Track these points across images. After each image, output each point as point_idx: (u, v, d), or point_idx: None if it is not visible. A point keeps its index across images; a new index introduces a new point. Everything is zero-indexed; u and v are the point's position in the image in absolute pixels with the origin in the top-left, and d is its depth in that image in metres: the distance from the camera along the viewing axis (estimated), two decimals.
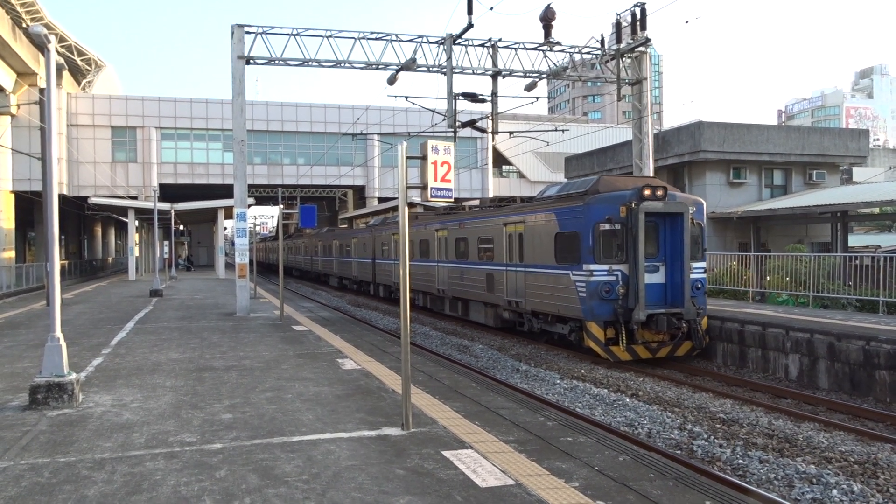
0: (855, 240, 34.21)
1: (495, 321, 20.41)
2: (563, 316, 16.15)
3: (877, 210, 28.91)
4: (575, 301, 15.38)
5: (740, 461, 8.79)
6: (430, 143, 7.87)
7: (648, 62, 23.58)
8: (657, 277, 15.30)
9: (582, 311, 15.17)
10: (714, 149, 28.20)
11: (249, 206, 26.30)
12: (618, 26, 22.78)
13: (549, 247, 16.50)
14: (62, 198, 46.61)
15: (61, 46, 46.37)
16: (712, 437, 9.80)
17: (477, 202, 28.48)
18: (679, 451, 9.31)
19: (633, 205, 14.78)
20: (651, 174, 23.62)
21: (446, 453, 6.78)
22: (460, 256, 22.28)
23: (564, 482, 5.98)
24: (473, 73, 22.06)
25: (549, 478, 6.10)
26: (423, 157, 7.91)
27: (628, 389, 13.04)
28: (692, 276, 15.13)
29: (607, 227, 14.97)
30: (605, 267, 14.91)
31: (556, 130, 25.50)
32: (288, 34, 21.27)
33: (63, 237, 55.30)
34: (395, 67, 21.50)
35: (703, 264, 15.83)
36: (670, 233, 15.41)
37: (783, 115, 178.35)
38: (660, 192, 14.89)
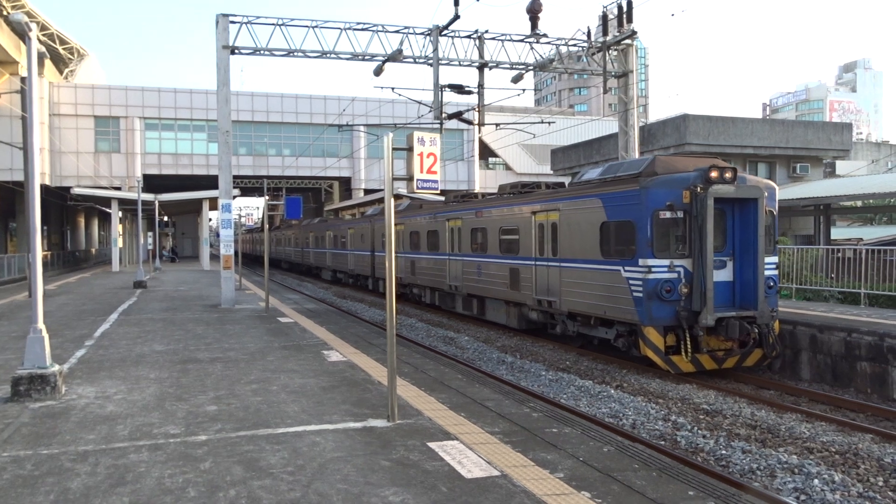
0: (837, 232, 34.51)
1: (519, 322, 18.33)
2: (610, 319, 14.06)
3: (859, 203, 29.20)
4: (627, 302, 13.27)
5: (723, 452, 8.87)
6: (417, 134, 7.85)
7: (634, 55, 23.62)
8: (724, 274, 13.28)
9: (637, 313, 13.04)
10: (699, 141, 28.33)
11: (234, 197, 26.21)
12: (604, 19, 22.79)
13: (592, 238, 14.44)
14: (44, 188, 46.09)
15: (43, 34, 45.80)
16: (696, 428, 9.88)
17: (487, 191, 26.27)
18: (663, 442, 9.38)
19: (698, 189, 12.72)
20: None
21: (432, 445, 6.79)
22: (477, 249, 20.21)
23: (549, 473, 6.01)
24: (460, 65, 22.03)
25: (535, 469, 6.13)
26: (410, 149, 7.90)
27: (613, 381, 13.11)
28: (765, 272, 13.21)
29: (668, 215, 12.91)
30: (666, 262, 12.85)
31: (542, 123, 25.59)
32: (273, 24, 21.13)
33: (45, 228, 54.74)
34: (381, 58, 21.42)
35: (775, 259, 14.02)
36: (740, 222, 13.42)
37: (768, 108, 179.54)
38: (728, 174, 12.81)
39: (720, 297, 13.04)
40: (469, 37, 21.94)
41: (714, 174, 12.71)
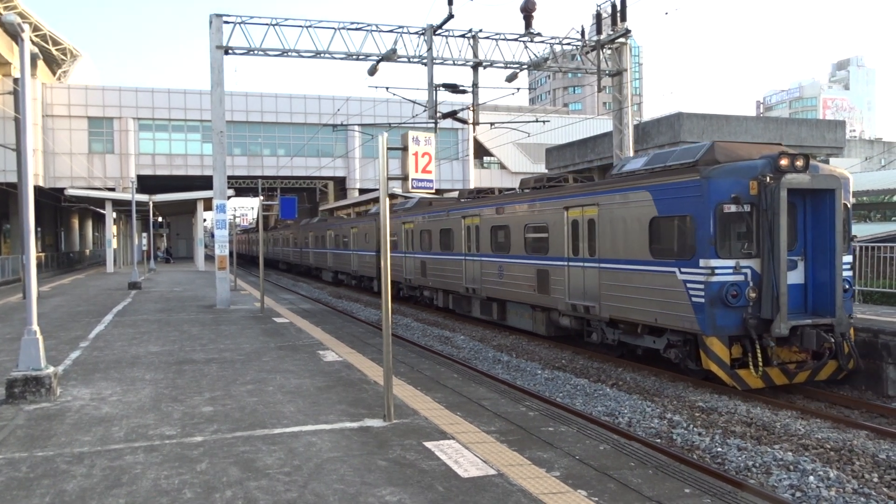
0: None
1: (548, 328, 16.77)
2: (663, 327, 12.58)
3: (853, 200, 29.31)
4: (685, 308, 11.73)
5: (719, 449, 8.89)
6: (411, 133, 7.86)
7: (628, 53, 23.65)
8: (795, 276, 11.76)
9: (697, 321, 11.48)
10: (693, 139, 28.39)
11: (229, 197, 26.09)
12: (598, 17, 22.81)
13: (639, 236, 12.92)
14: (38, 189, 45.98)
15: (36, 35, 45.62)
16: (691, 426, 9.90)
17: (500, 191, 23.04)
18: (659, 440, 9.40)
19: (767, 179, 11.24)
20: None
21: (428, 444, 6.80)
22: (498, 249, 18.66)
23: (546, 471, 6.02)
24: (454, 64, 22.03)
25: (531, 467, 6.13)
26: (404, 148, 7.91)
27: (608, 379, 13.13)
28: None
29: (733, 208, 11.37)
30: (731, 263, 11.33)
31: (536, 121, 25.59)
32: (267, 24, 21.10)
33: (39, 229, 54.57)
34: (375, 58, 21.39)
35: (849, 258, 12.40)
36: (812, 216, 11.92)
37: (761, 105, 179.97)
38: (800, 163, 11.37)
39: (791, 302, 11.50)
40: (463, 36, 21.95)
41: (784, 162, 11.28)
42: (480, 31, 22.00)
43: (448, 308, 22.69)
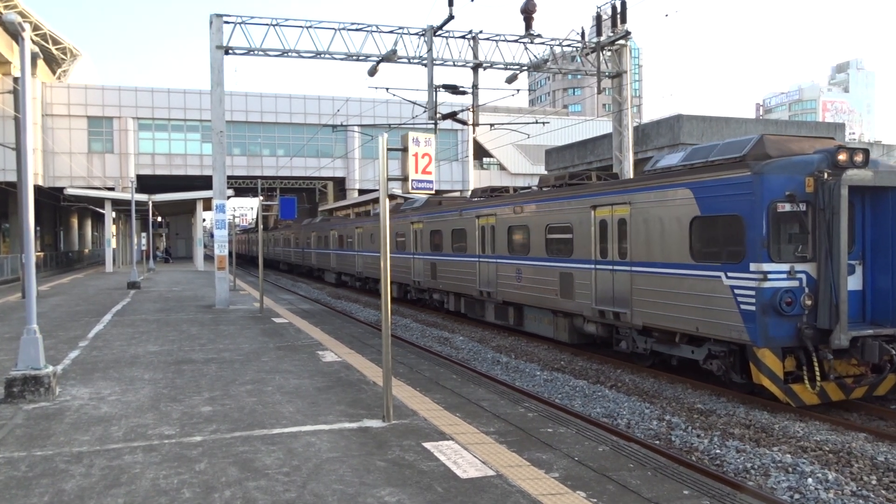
0: None
1: (570, 336, 15.83)
2: (705, 336, 11.58)
3: None
4: (732, 316, 10.78)
5: (718, 451, 8.89)
6: (411, 134, 7.86)
7: (628, 55, 23.67)
8: (852, 282, 10.71)
9: (747, 331, 10.51)
10: (693, 142, 28.39)
11: (228, 197, 26.07)
12: (598, 19, 22.83)
13: (678, 237, 11.98)
14: (37, 189, 45.95)
15: (36, 35, 45.60)
16: (690, 428, 9.90)
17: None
18: (658, 442, 9.40)
19: (825, 175, 10.34)
20: (631, 167, 23.73)
21: (427, 445, 6.80)
22: (516, 250, 17.75)
23: (545, 473, 6.02)
24: (454, 65, 22.05)
25: (530, 468, 6.14)
26: (404, 149, 7.91)
27: (607, 380, 13.13)
28: None
29: (788, 207, 10.41)
30: (785, 267, 10.36)
31: (536, 123, 25.60)
32: (267, 24, 21.12)
33: (38, 228, 54.54)
34: (375, 59, 21.41)
35: None
36: (872, 217, 10.97)
37: (761, 108, 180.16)
38: (859, 158, 10.48)
39: (849, 310, 10.44)
40: (463, 37, 21.97)
41: (843, 157, 10.38)
42: (481, 32, 22.03)
43: (460, 312, 21.78)
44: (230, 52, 20.84)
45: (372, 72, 21.78)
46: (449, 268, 21.79)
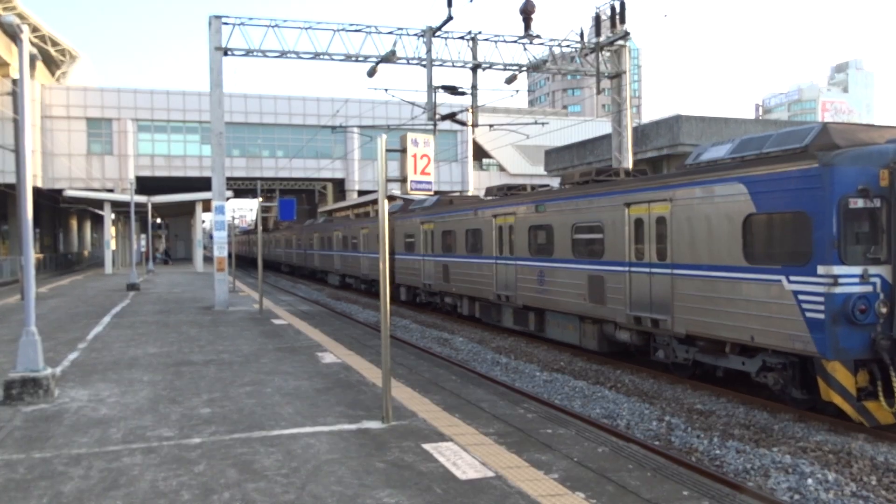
0: None
1: (600, 343, 14.66)
2: (760, 346, 10.52)
3: None
4: (796, 325, 9.68)
5: (717, 452, 8.89)
6: (410, 135, 7.86)
7: (627, 56, 23.68)
8: None
9: (815, 341, 9.43)
10: (692, 142, 28.37)
11: (228, 199, 26.05)
12: (597, 20, 22.83)
13: (729, 237, 10.90)
14: (36, 191, 45.95)
15: (34, 36, 45.62)
16: (690, 428, 9.89)
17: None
18: (657, 443, 9.39)
19: None
20: (630, 168, 23.72)
21: (426, 446, 6.79)
22: (538, 251, 16.66)
23: (544, 474, 6.02)
24: (453, 66, 22.06)
25: (529, 469, 6.13)
26: (403, 150, 7.91)
27: (607, 381, 13.12)
28: None
29: (861, 203, 9.34)
30: (858, 270, 9.30)
31: (536, 123, 25.60)
32: (266, 26, 21.12)
33: (37, 230, 54.53)
34: (374, 60, 21.42)
35: None
36: None
37: (760, 108, 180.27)
38: None
39: None
40: (462, 38, 21.98)
41: None
42: (480, 32, 22.03)
43: (474, 317, 20.73)
44: (229, 53, 20.84)
45: (371, 73, 21.79)
46: (463, 270, 20.81)
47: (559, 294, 15.74)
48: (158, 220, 59.60)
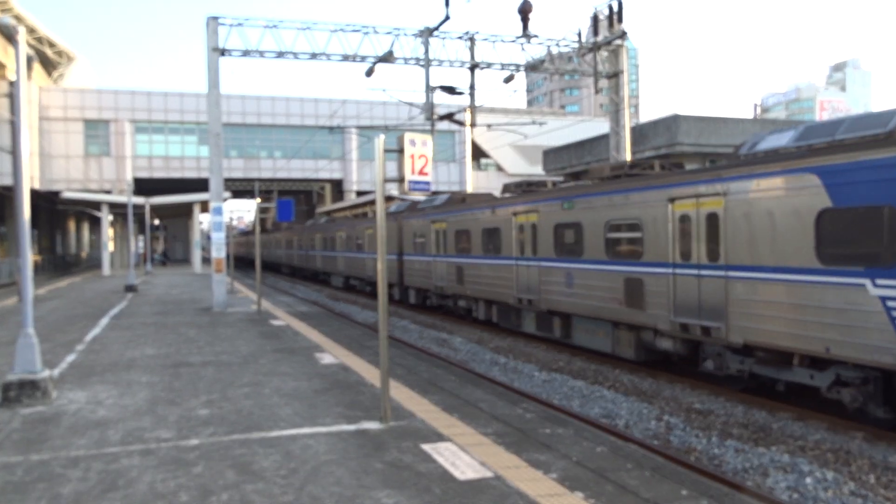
0: None
1: (637, 352, 13.46)
2: (837, 359, 9.36)
3: None
4: (884, 335, 8.55)
5: (716, 451, 8.89)
6: (408, 136, 7.86)
7: (625, 55, 23.69)
8: None
9: None
10: (690, 142, 28.43)
11: (226, 200, 26.05)
12: (595, 19, 22.83)
13: (798, 235, 9.72)
14: (34, 192, 45.90)
15: (31, 38, 45.61)
16: (689, 428, 9.89)
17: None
18: (656, 442, 9.39)
19: None
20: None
21: (425, 446, 6.78)
22: (565, 252, 15.39)
23: (543, 474, 6.01)
24: (451, 66, 22.06)
25: (528, 469, 6.12)
26: (401, 151, 7.90)
27: (606, 381, 13.11)
28: None
29: None
30: None
31: (534, 123, 25.61)
32: (263, 26, 21.11)
33: (35, 232, 54.48)
34: (372, 60, 21.42)
35: None
36: None
37: (758, 108, 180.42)
38: None
39: None
40: (460, 38, 21.97)
41: None
42: (477, 32, 22.04)
43: (491, 321, 19.55)
44: (226, 53, 20.82)
45: (369, 73, 21.79)
46: (479, 272, 19.52)
47: (590, 298, 14.53)
48: (156, 222, 59.59)
